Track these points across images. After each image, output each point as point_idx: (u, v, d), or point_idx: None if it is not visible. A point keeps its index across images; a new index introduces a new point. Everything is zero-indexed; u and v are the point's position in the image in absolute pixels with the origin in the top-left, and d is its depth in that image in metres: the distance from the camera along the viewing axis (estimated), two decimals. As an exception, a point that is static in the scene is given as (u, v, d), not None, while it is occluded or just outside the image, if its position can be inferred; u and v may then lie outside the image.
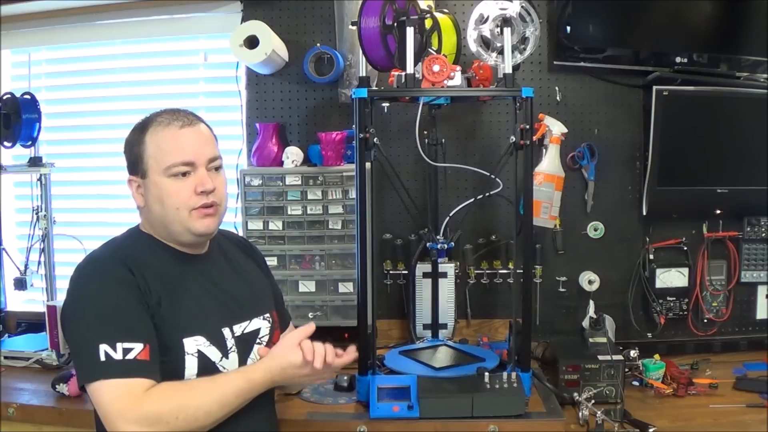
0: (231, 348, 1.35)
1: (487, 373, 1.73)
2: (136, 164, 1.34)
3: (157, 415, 1.15)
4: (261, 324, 1.45)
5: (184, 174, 1.31)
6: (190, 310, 1.32)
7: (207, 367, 1.29)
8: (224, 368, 1.32)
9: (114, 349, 1.16)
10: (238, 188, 2.19)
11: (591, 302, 2.29)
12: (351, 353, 1.41)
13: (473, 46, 1.85)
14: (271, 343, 1.47)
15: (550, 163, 2.18)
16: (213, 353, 1.31)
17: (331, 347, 1.36)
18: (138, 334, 1.19)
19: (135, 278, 1.25)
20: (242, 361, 1.37)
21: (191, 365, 1.28)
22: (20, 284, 2.36)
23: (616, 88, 2.30)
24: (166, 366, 1.25)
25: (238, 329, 1.39)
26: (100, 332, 1.18)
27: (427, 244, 2.01)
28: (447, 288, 2.23)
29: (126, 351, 1.17)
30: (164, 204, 1.31)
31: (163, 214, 1.32)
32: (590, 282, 2.29)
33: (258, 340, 1.44)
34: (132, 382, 1.16)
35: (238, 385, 1.25)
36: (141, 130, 1.34)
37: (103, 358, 1.16)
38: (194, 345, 1.29)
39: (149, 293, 1.26)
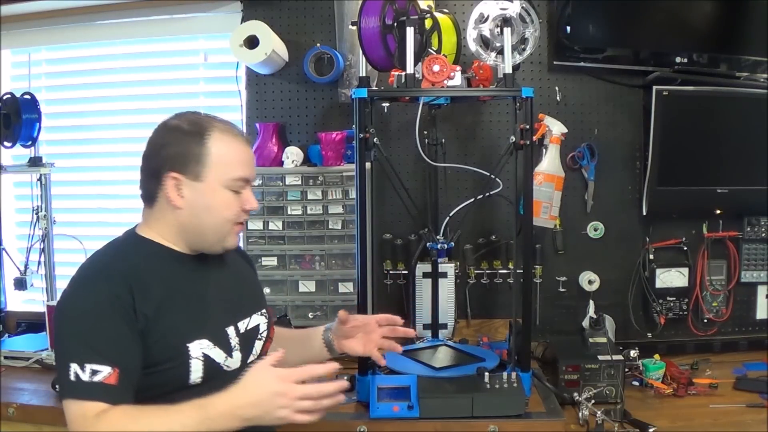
0: (234, 346, 1.35)
1: (487, 373, 1.73)
2: (187, 164, 1.27)
3: None
4: (260, 320, 1.45)
5: (239, 189, 1.32)
6: (195, 313, 1.31)
7: (212, 369, 1.29)
8: (228, 367, 1.32)
9: (83, 369, 1.14)
10: (238, 188, 2.19)
11: (591, 302, 2.29)
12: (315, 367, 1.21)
13: (473, 46, 1.85)
14: (269, 339, 1.47)
15: (550, 163, 2.18)
16: (217, 354, 1.30)
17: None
18: (109, 357, 1.16)
19: (129, 294, 1.20)
20: (245, 358, 1.37)
21: (197, 368, 1.26)
22: (20, 284, 2.36)
23: (616, 88, 2.30)
24: (171, 372, 1.24)
25: (242, 326, 1.39)
26: (74, 350, 1.17)
27: (427, 244, 2.01)
28: (447, 288, 2.22)
29: (93, 373, 1.14)
30: (212, 212, 1.29)
31: (203, 221, 1.30)
32: (590, 282, 2.29)
33: (259, 336, 1.44)
34: (91, 405, 1.13)
35: (191, 415, 1.13)
36: (199, 131, 1.28)
37: (72, 377, 1.14)
38: (199, 348, 1.27)
39: (146, 307, 1.21)
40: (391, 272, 2.30)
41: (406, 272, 2.28)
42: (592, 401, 1.78)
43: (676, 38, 2.20)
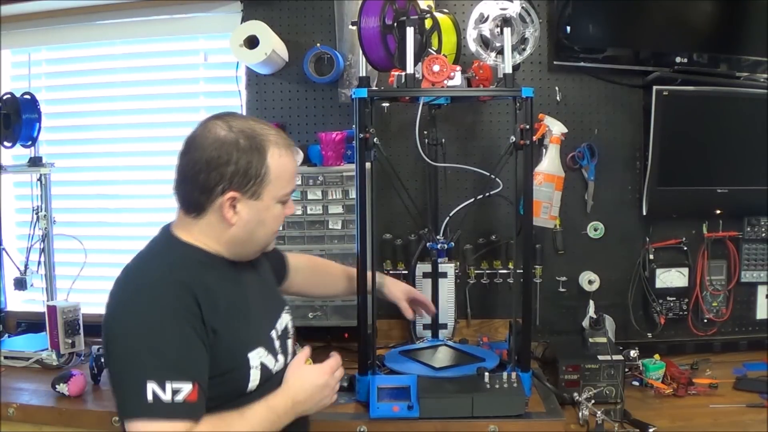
0: (278, 349, 1.35)
1: (487, 373, 1.73)
2: (248, 183, 1.24)
3: None
4: (287, 317, 1.45)
5: (287, 200, 1.33)
6: (249, 322, 1.30)
7: (267, 377, 1.29)
8: (274, 371, 1.32)
9: (162, 388, 1.09)
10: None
11: (591, 302, 2.29)
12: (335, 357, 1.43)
13: (473, 46, 1.85)
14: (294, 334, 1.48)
15: (550, 163, 2.18)
16: (270, 361, 1.31)
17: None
18: (188, 373, 1.12)
19: (196, 306, 1.17)
20: (285, 360, 1.37)
21: (255, 377, 1.26)
22: (20, 284, 2.36)
23: (616, 88, 2.30)
24: (231, 382, 1.23)
25: (279, 327, 1.40)
26: (149, 368, 1.11)
27: (427, 244, 2.01)
28: (447, 288, 2.23)
29: (175, 392, 1.10)
30: (265, 227, 1.30)
31: (254, 235, 1.29)
32: (590, 282, 2.29)
33: (290, 335, 1.44)
34: (176, 424, 1.10)
35: (264, 416, 1.22)
36: (258, 148, 1.25)
37: (150, 397, 1.09)
38: (257, 358, 1.28)
39: (213, 319, 1.19)
40: (391, 272, 2.29)
41: (406, 272, 2.28)
42: (592, 401, 1.78)
43: (676, 38, 2.20)
